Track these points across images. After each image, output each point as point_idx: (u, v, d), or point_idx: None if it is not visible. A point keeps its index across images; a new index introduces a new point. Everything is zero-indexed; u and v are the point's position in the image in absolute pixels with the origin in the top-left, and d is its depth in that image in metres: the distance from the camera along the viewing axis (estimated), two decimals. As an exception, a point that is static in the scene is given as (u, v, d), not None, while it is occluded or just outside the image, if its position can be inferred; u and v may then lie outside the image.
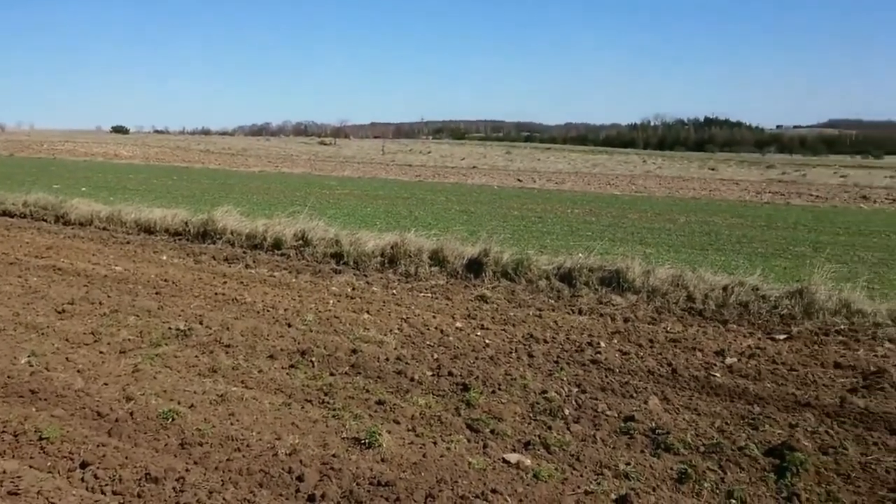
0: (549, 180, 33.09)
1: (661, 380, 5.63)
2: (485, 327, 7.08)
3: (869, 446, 4.40)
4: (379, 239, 10.62)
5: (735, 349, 6.46)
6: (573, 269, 9.04)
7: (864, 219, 19.24)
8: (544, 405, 4.95)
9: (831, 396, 5.26)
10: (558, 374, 5.68)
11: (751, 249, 12.64)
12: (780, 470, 4.03)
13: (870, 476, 3.99)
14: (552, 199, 22.44)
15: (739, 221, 17.55)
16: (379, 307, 7.77)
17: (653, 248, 12.12)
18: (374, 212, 16.89)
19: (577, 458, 4.15)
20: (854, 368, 5.94)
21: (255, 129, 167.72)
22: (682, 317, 7.67)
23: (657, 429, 4.54)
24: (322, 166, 42.39)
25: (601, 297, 8.36)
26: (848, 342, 6.75)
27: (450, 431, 4.51)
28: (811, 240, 14.34)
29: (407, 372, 5.57)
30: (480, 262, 9.44)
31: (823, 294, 7.73)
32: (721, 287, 8.23)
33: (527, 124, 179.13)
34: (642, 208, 20.26)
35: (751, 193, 28.19)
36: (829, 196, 27.34)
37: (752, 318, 7.56)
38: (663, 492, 3.79)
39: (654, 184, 32.55)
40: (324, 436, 4.38)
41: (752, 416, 4.87)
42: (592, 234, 13.80)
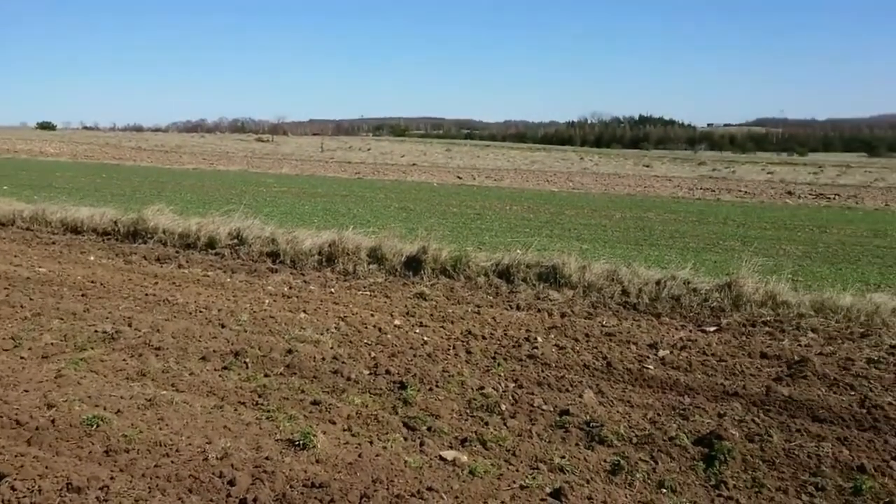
0: (488, 177, 33.29)
1: (597, 373, 5.71)
2: (423, 325, 7.06)
3: (792, 433, 4.55)
4: (317, 237, 10.48)
5: (667, 342, 6.61)
6: (511, 265, 9.11)
7: (790, 214, 19.99)
8: (481, 401, 4.96)
9: (758, 386, 5.43)
10: (496, 369, 5.70)
11: (683, 244, 12.97)
12: (708, 458, 4.13)
13: (793, 462, 4.13)
14: (491, 196, 22.58)
15: (672, 217, 17.99)
16: (316, 306, 7.66)
17: (589, 243, 12.31)
18: (312, 210, 16.68)
19: (514, 453, 4.17)
20: (779, 358, 6.15)
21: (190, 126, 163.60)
22: (617, 311, 7.81)
23: (592, 422, 4.60)
24: (259, 164, 41.65)
25: (539, 293, 8.44)
26: (774, 333, 6.99)
27: (386, 430, 4.47)
28: (740, 234, 14.81)
29: (343, 371, 5.51)
30: (419, 260, 9.42)
31: (751, 287, 7.98)
32: (654, 281, 8.41)
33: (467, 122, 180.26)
34: (579, 205, 20.57)
35: (683, 190, 28.96)
36: (756, 192, 28.30)
37: (684, 310, 7.75)
38: (597, 484, 3.84)
39: (590, 181, 33.10)
40: (257, 438, 4.28)
41: (683, 407, 4.98)
42: (530, 231, 13.93)
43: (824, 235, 15.15)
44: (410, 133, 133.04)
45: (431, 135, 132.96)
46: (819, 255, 12.15)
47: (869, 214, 20.77)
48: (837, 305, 7.52)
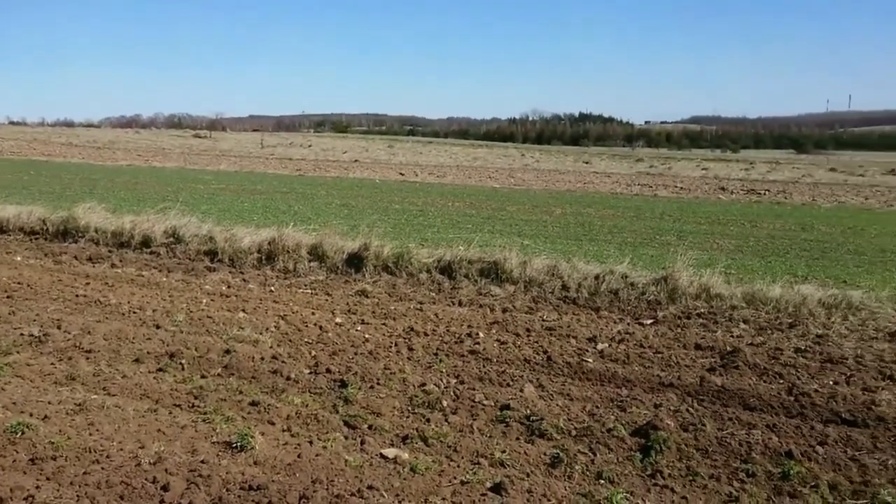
0: (430, 174, 33.28)
1: (537, 367, 5.77)
2: (365, 322, 7.01)
3: (725, 422, 4.69)
4: (256, 235, 10.30)
5: (606, 335, 6.72)
6: (453, 261, 9.12)
7: (723, 209, 20.60)
8: (423, 398, 4.96)
9: (692, 376, 5.57)
10: (437, 366, 5.70)
11: (621, 239, 13.23)
12: (645, 449, 4.22)
13: (725, 449, 4.25)
14: (433, 193, 22.59)
15: (611, 212, 18.33)
16: (255, 305, 7.53)
17: (530, 239, 12.44)
18: (252, 207, 16.38)
19: (455, 449, 4.18)
20: (713, 349, 6.32)
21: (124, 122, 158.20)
22: (557, 305, 7.91)
23: (532, 415, 4.65)
24: (197, 160, 40.67)
25: (481, 289, 8.48)
26: (708, 324, 7.18)
27: (326, 430, 4.42)
28: (676, 229, 15.19)
29: (283, 371, 5.42)
30: (361, 257, 9.35)
31: (686, 280, 8.19)
32: (593, 276, 8.55)
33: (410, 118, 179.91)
34: (521, 201, 20.76)
35: (622, 186, 29.52)
36: (692, 188, 29.06)
37: (622, 304, 7.91)
38: (537, 477, 3.88)
39: (532, 177, 33.44)
40: (193, 441, 4.17)
41: (621, 399, 5.08)
42: (473, 227, 13.99)
43: (755, 229, 15.67)
44: (352, 129, 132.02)
45: (374, 131, 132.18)
46: (750, 249, 12.56)
47: (797, 209, 21.58)
48: (767, 297, 7.78)
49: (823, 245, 13.41)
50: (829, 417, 4.80)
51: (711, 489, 3.81)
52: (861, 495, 3.74)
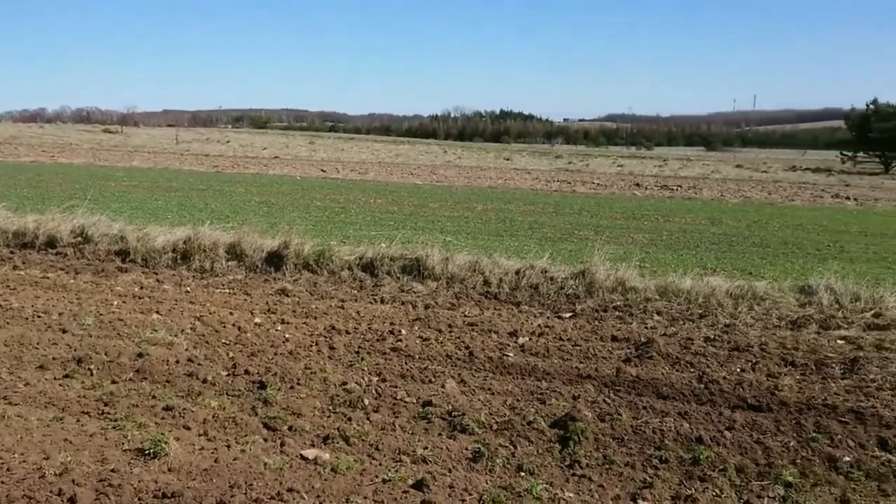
0: (352, 170, 32.96)
1: (459, 363, 5.81)
2: (285, 321, 6.90)
3: (640, 411, 4.84)
4: (171, 233, 9.97)
5: (527, 329, 6.83)
6: (375, 258, 9.08)
7: (637, 204, 21.25)
8: (344, 397, 4.91)
9: (609, 367, 5.72)
10: (359, 364, 5.66)
11: (541, 234, 13.47)
12: (563, 440, 4.31)
13: (640, 438, 4.39)
14: (355, 189, 22.41)
15: (531, 208, 18.63)
16: (170, 306, 7.28)
17: (452, 235, 12.51)
18: (166, 205, 15.85)
19: (377, 448, 4.16)
20: (628, 340, 6.52)
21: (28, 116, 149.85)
22: (479, 301, 7.98)
23: (454, 411, 4.67)
24: (107, 156, 38.97)
25: (403, 286, 8.47)
26: (623, 317, 7.40)
27: (245, 432, 4.32)
28: (593, 224, 15.58)
29: (199, 373, 5.26)
30: (281, 255, 9.19)
31: (603, 274, 8.41)
32: (514, 271, 8.67)
33: (331, 114, 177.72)
34: (443, 197, 20.85)
35: (541, 182, 30.04)
36: (608, 184, 29.85)
37: (542, 298, 8.05)
38: (459, 472, 3.90)
39: (454, 173, 33.60)
40: (102, 450, 4.00)
41: (541, 392, 5.17)
42: (395, 224, 13.96)
43: (668, 224, 16.25)
44: (272, 125, 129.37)
45: (294, 127, 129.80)
46: (663, 243, 13.01)
47: (707, 204, 22.48)
48: (679, 289, 8.08)
49: (731, 238, 14.03)
50: (736, 403, 5.02)
51: (627, 476, 3.93)
52: (765, 476, 3.93)
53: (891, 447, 4.30)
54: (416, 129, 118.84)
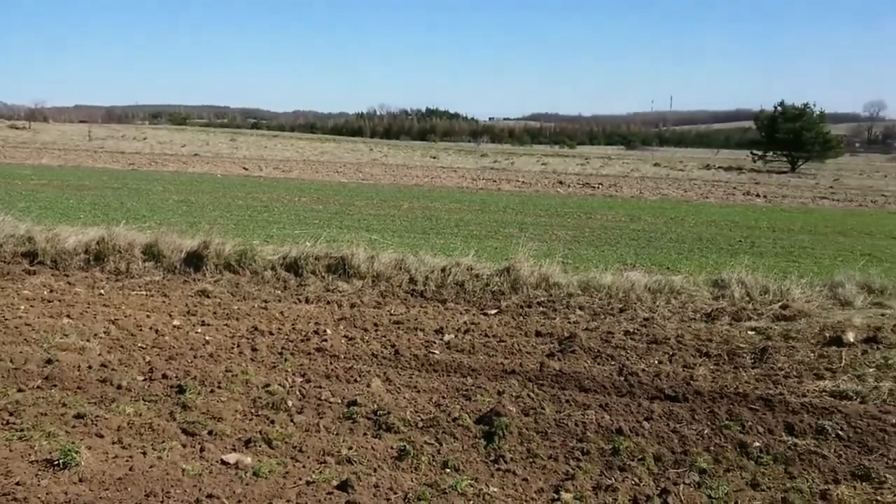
0: (276, 168, 32.35)
1: (385, 361, 5.78)
2: (206, 323, 6.71)
3: (562, 404, 4.93)
4: (83, 234, 9.55)
5: (453, 326, 6.86)
6: (300, 258, 8.94)
7: (560, 202, 21.67)
8: (267, 399, 4.81)
9: (533, 362, 5.81)
10: (283, 365, 5.56)
11: (467, 232, 13.57)
12: (488, 435, 4.35)
13: (563, 430, 4.48)
14: (279, 188, 22.02)
15: (457, 206, 18.73)
16: (82, 310, 6.97)
17: (378, 234, 12.46)
18: (79, 204, 15.18)
19: (300, 450, 4.09)
20: (551, 335, 6.63)
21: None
22: (405, 299, 7.97)
23: (379, 410, 4.65)
24: (13, 154, 37.00)
25: (328, 285, 8.37)
26: (547, 312, 7.52)
27: (162, 439, 4.18)
28: (518, 221, 15.80)
29: (113, 379, 5.06)
30: (201, 255, 8.93)
31: (527, 270, 8.53)
32: (440, 269, 8.70)
33: (254, 111, 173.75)
34: (369, 195, 20.72)
35: (467, 180, 30.24)
36: (532, 182, 30.32)
37: (468, 295, 8.10)
38: (384, 471, 3.88)
39: (380, 171, 33.44)
40: (6, 462, 3.78)
41: (467, 388, 5.20)
42: (320, 223, 13.80)
43: (590, 221, 16.63)
44: (192, 121, 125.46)
45: (215, 124, 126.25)
46: (585, 239, 13.31)
47: (626, 201, 23.12)
48: (600, 284, 8.28)
49: (649, 234, 14.47)
50: (654, 394, 5.18)
51: (550, 469, 3.99)
52: (681, 464, 4.07)
53: (797, 432, 4.52)
54: (342, 126, 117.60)
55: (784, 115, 50.12)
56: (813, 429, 4.56)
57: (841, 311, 7.60)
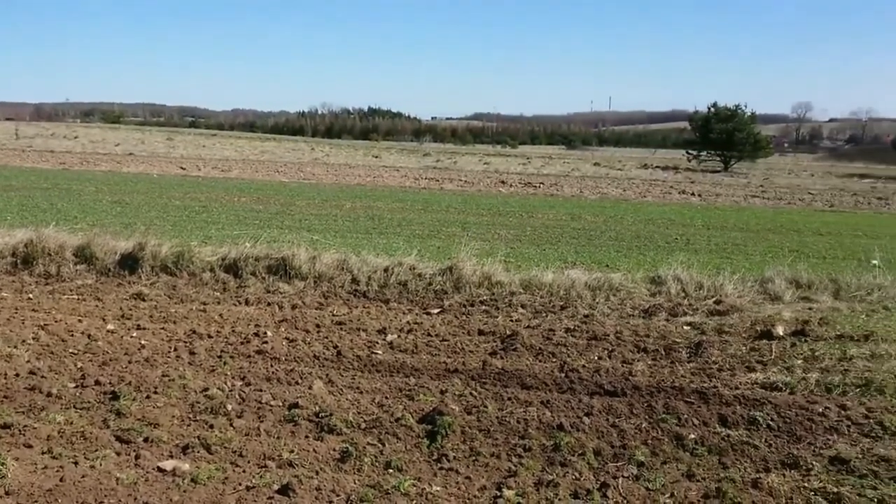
0: (214, 168, 31.70)
1: (327, 363, 5.73)
2: (141, 327, 6.53)
3: (505, 402, 4.98)
4: (9, 236, 9.20)
5: (395, 326, 6.85)
6: (239, 259, 8.79)
7: (502, 201, 21.86)
8: (206, 404, 4.71)
9: (476, 361, 5.85)
10: (222, 369, 5.46)
11: (410, 231, 13.56)
12: (431, 435, 4.36)
13: (505, 428, 4.52)
14: (218, 188, 21.58)
15: (400, 206, 18.70)
16: (9, 315, 6.70)
17: (320, 234, 12.35)
18: (5, 205, 14.59)
19: (240, 454, 4.02)
20: (494, 333, 6.69)
21: None
22: (347, 299, 7.91)
23: (321, 412, 4.61)
24: (-67, 152, 35.31)
25: (269, 286, 8.25)
26: (490, 311, 7.58)
27: (95, 447, 4.04)
28: (460, 221, 15.87)
29: (43, 387, 4.87)
30: (136, 257, 8.69)
31: (470, 269, 8.58)
32: (383, 268, 8.67)
33: (192, 109, 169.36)
34: (310, 195, 20.51)
35: (410, 180, 30.23)
36: (475, 181, 30.49)
37: (411, 295, 8.10)
38: (326, 473, 3.85)
39: (321, 171, 33.11)
40: (-73, 477, 3.61)
41: (409, 388, 5.20)
42: (260, 223, 13.60)
43: (531, 220, 16.82)
44: (126, 120, 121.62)
45: (151, 122, 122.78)
46: (527, 238, 13.47)
47: (567, 200, 23.48)
48: (542, 282, 8.39)
49: (589, 233, 14.73)
50: (594, 390, 5.27)
51: (492, 466, 4.03)
52: (620, 458, 4.15)
53: (730, 423, 4.67)
54: (283, 125, 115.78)
55: (717, 116, 51.68)
56: (745, 420, 4.71)
57: (771, 305, 7.88)
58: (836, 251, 13.48)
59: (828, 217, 21.70)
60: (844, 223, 19.71)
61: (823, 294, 8.33)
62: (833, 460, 4.16)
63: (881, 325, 6.93)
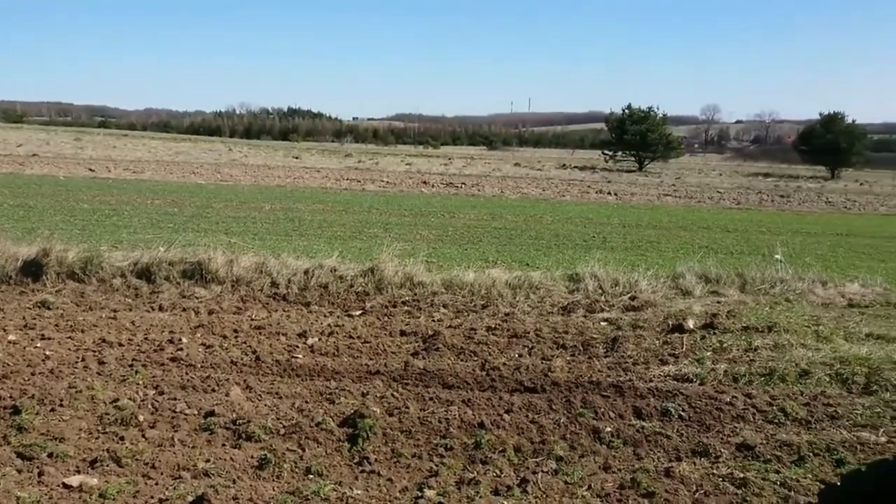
0: (126, 169, 30.46)
1: (245, 368, 5.61)
2: (46, 337, 6.21)
3: (426, 402, 4.99)
4: None
5: (317, 329, 6.76)
6: (152, 263, 8.49)
7: (425, 202, 21.90)
8: (116, 415, 4.52)
9: (398, 362, 5.83)
10: (133, 378, 5.25)
11: (331, 233, 13.42)
12: (352, 438, 4.32)
13: (427, 428, 4.52)
14: (130, 190, 20.78)
15: (321, 207, 18.47)
16: None
17: (238, 237, 12.05)
18: None
19: (153, 466, 3.88)
20: (416, 334, 6.69)
21: None
22: (267, 303, 7.76)
23: (239, 419, 4.50)
24: None
25: (184, 291, 8.00)
26: (412, 311, 7.58)
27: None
28: (382, 222, 15.81)
29: (-65, 403, 4.58)
30: (40, 264, 8.26)
31: (391, 270, 8.56)
32: (303, 271, 8.55)
33: (101, 108, 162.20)
34: (228, 197, 19.99)
35: (331, 180, 29.89)
36: (397, 182, 30.42)
37: (332, 297, 8.01)
38: (244, 482, 3.76)
39: (240, 172, 32.31)
40: None
41: (330, 391, 5.14)
42: (175, 226, 13.17)
43: (453, 220, 16.92)
44: (30, 119, 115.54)
45: (57, 122, 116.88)
46: (449, 238, 13.54)
47: (488, 200, 23.72)
48: (463, 282, 8.45)
49: (510, 232, 14.94)
50: (514, 387, 5.35)
51: (414, 467, 4.03)
52: (540, 453, 4.22)
53: (644, 415, 4.82)
54: (199, 125, 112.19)
55: (631, 118, 53.31)
56: (658, 411, 4.88)
57: (683, 300, 8.18)
58: (742, 247, 14.14)
59: (735, 214, 22.72)
60: (750, 220, 20.69)
61: (731, 288, 8.71)
62: (740, 447, 4.35)
63: (783, 316, 7.29)
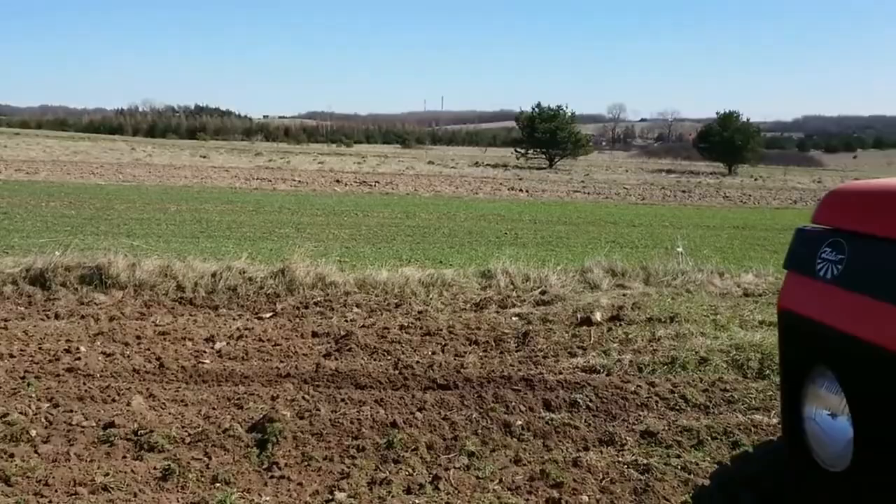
0: (18, 170, 28.76)
1: (148, 376, 5.39)
2: (-74, 351, 5.79)
3: (338, 403, 4.93)
4: None
5: (225, 333, 6.58)
6: (47, 269, 8.05)
7: (338, 200, 21.69)
8: (5, 431, 4.25)
9: (309, 364, 5.74)
10: (25, 391, 4.96)
11: (240, 234, 13.11)
12: (262, 443, 4.22)
13: (338, 430, 4.47)
14: (22, 192, 19.65)
15: (230, 207, 18.01)
16: None
17: (141, 239, 11.61)
18: None
19: (46, 483, 3.66)
20: (328, 335, 6.61)
21: None
22: (172, 308, 7.50)
23: (140, 429, 4.31)
24: None
25: (82, 298, 7.63)
26: (324, 312, 7.48)
27: None
28: (294, 221, 15.56)
29: None
30: (-82, 272, 7.70)
31: (303, 271, 8.42)
32: (210, 273, 8.30)
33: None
34: (130, 198, 19.21)
35: (240, 180, 29.18)
36: (309, 181, 29.99)
37: (241, 300, 7.81)
38: (146, 494, 3.61)
39: (143, 172, 31.07)
40: None
41: (239, 397, 5.01)
42: (72, 229, 12.55)
43: (367, 219, 16.83)
44: None
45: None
46: (362, 237, 13.46)
47: (402, 199, 23.73)
48: (377, 281, 8.41)
49: (424, 230, 14.98)
50: (427, 385, 5.36)
51: (325, 470, 3.97)
52: (452, 449, 4.25)
53: (553, 407, 4.92)
54: (100, 124, 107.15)
55: (541, 116, 54.42)
56: (567, 403, 4.99)
57: (591, 293, 8.40)
58: (647, 240, 14.68)
59: (640, 209, 23.56)
60: (654, 214, 21.51)
61: (636, 281, 9.01)
62: (644, 434, 4.51)
63: (684, 307, 7.61)
